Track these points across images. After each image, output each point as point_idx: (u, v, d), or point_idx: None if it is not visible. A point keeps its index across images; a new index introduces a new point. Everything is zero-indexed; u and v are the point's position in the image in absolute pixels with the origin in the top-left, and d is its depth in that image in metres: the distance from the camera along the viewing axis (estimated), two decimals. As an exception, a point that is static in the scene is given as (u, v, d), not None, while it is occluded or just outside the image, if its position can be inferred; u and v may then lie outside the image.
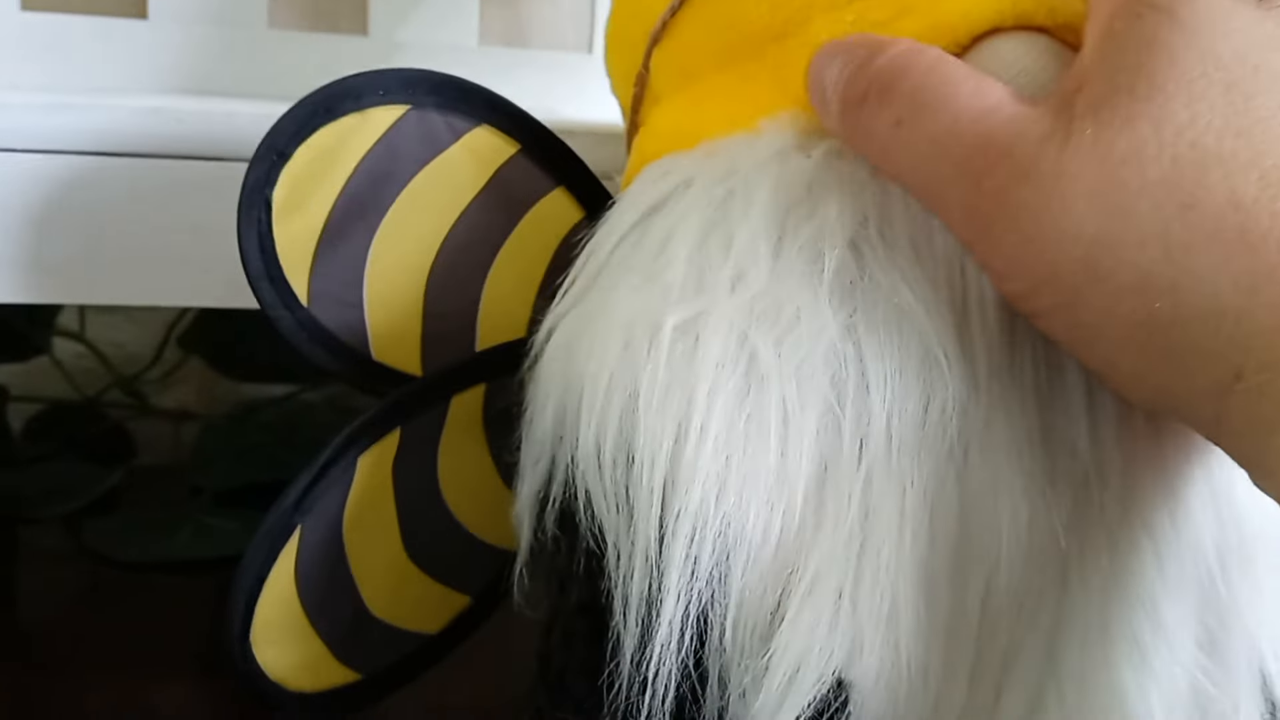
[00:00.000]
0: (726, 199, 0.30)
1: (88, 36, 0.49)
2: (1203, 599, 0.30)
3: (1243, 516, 0.30)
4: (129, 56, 0.50)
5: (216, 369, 0.58)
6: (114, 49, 0.49)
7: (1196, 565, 0.30)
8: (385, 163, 0.33)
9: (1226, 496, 0.30)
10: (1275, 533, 0.31)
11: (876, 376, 0.27)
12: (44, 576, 0.49)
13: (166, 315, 0.57)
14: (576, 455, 0.28)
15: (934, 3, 0.30)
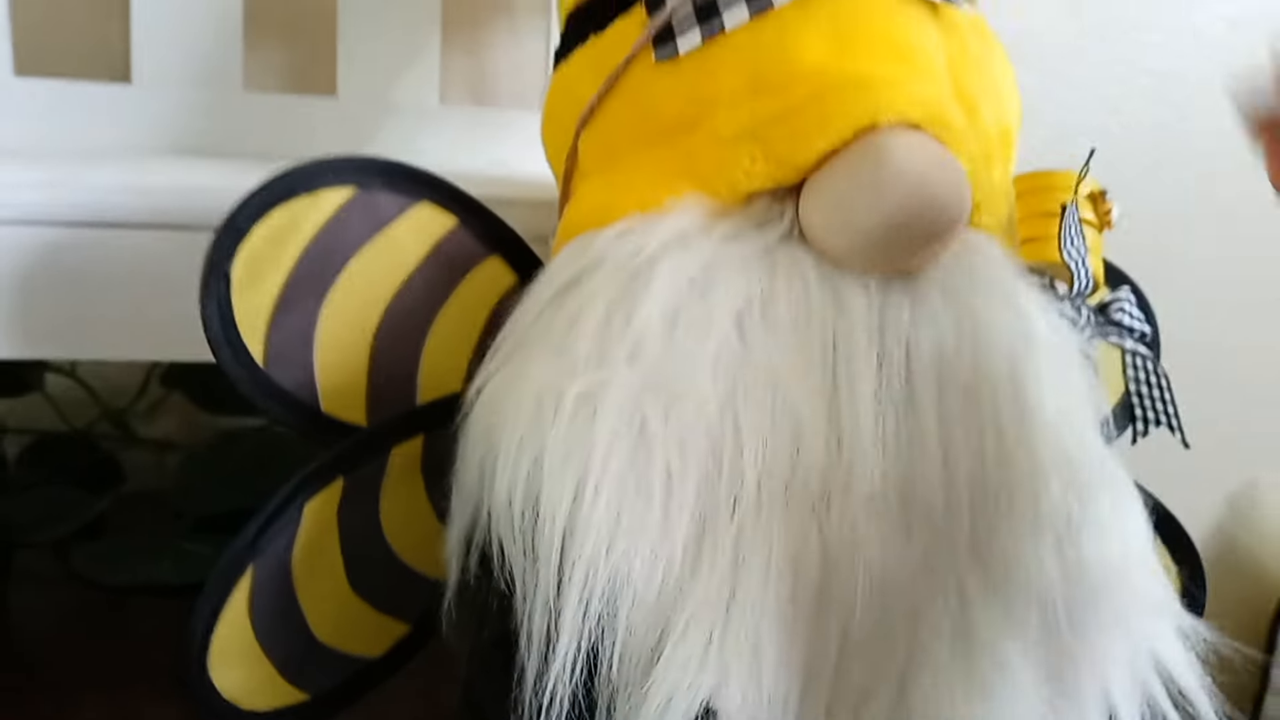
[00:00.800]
0: (631, 279, 0.34)
1: (76, 99, 0.53)
2: (1049, 644, 0.34)
3: (1086, 569, 0.34)
4: (115, 118, 0.54)
5: (196, 403, 0.62)
6: (101, 111, 0.53)
7: (1043, 613, 0.34)
8: (334, 238, 0.37)
9: (1074, 552, 0.34)
10: (1118, 582, 0.35)
11: (750, 443, 0.31)
12: (36, 599, 0.53)
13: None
14: (493, 506, 0.32)
15: (827, 102, 0.34)
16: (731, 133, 0.35)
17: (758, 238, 0.35)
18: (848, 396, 0.33)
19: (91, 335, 0.43)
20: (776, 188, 0.35)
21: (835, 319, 0.33)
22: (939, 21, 0.37)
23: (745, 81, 0.36)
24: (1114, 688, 0.35)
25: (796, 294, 0.33)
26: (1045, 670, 0.34)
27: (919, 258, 0.34)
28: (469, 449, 0.34)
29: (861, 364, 0.33)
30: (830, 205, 0.34)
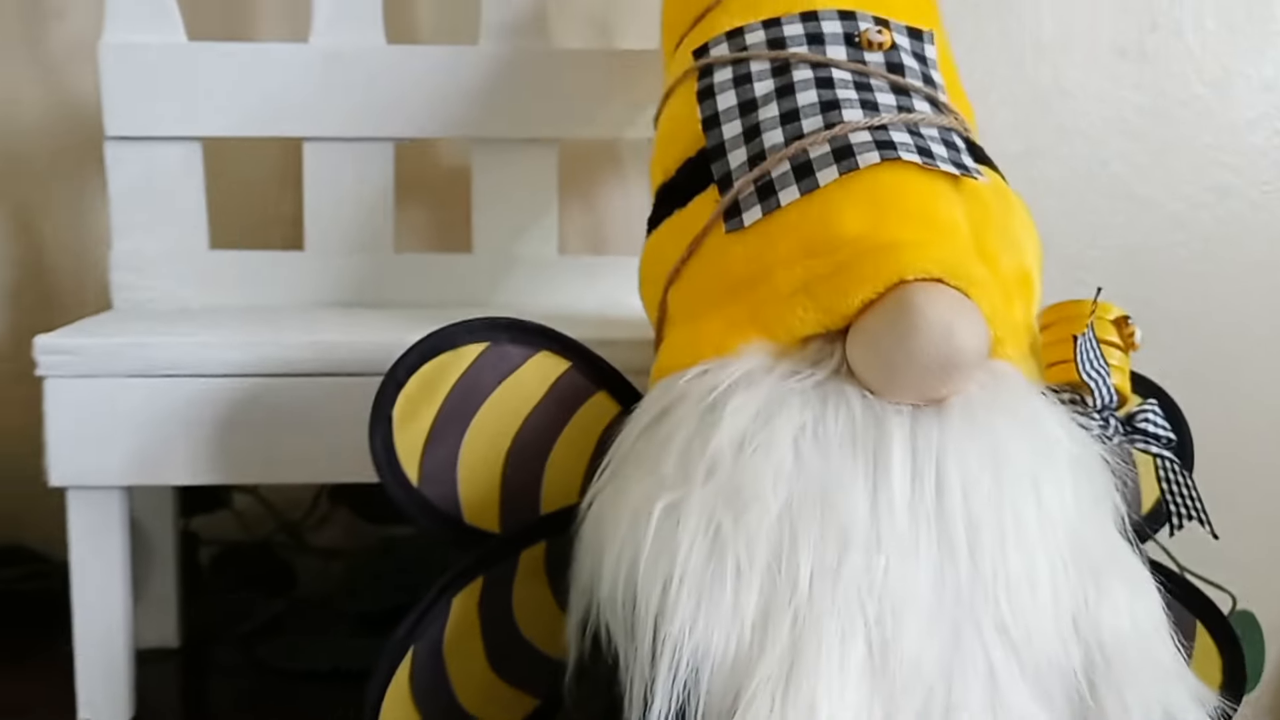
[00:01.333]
0: (707, 411, 0.42)
1: (260, 265, 0.65)
2: (1072, 711, 0.40)
3: (1102, 643, 0.40)
4: (290, 280, 0.65)
5: (359, 515, 0.72)
6: (280, 274, 0.65)
7: (1064, 682, 0.40)
8: (472, 384, 0.46)
9: (1090, 629, 0.40)
10: (1130, 653, 0.41)
11: (805, 545, 0.39)
12: (226, 685, 0.62)
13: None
14: (601, 599, 0.40)
15: (864, 263, 0.42)
16: (788, 289, 0.43)
17: (811, 374, 0.42)
18: (886, 506, 0.40)
19: (278, 463, 0.53)
20: (826, 332, 0.43)
21: (876, 440, 0.41)
22: (961, 191, 0.45)
23: (798, 247, 0.44)
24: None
25: (843, 420, 0.41)
26: (1070, 734, 0.40)
27: (946, 388, 0.41)
28: (582, 552, 0.43)
29: (897, 478, 0.40)
30: (869, 347, 0.42)
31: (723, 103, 0.49)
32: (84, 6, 0.72)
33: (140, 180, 0.63)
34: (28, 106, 0.72)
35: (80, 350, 0.51)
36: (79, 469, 0.52)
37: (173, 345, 0.51)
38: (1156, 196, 0.81)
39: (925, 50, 0.51)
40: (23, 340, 0.73)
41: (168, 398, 0.52)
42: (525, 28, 0.64)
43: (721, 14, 0.52)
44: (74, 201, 0.73)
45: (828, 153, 0.45)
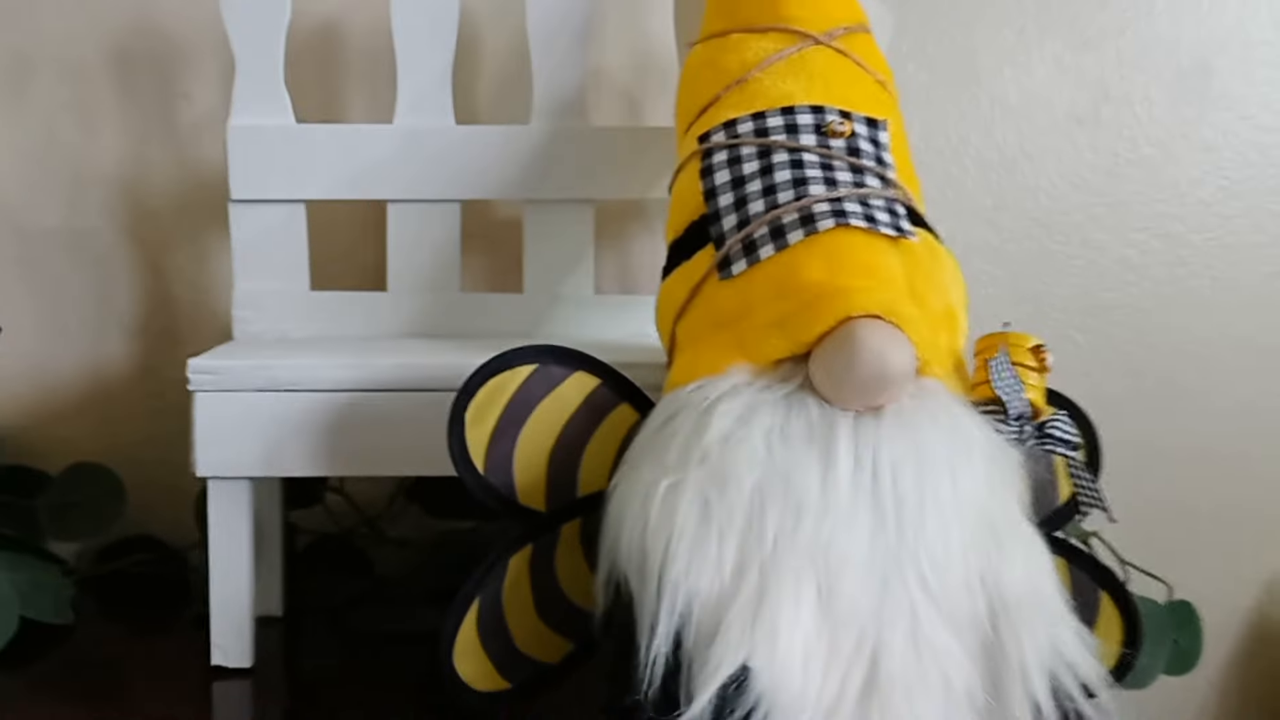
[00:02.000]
0: (701, 415, 0.55)
1: (350, 303, 0.79)
2: (984, 653, 0.52)
3: (1004, 593, 0.53)
4: (376, 314, 0.78)
5: (428, 511, 0.86)
6: (366, 310, 0.78)
7: (975, 627, 0.52)
8: (526, 395, 0.60)
9: (994, 582, 0.53)
10: (1026, 600, 0.53)
11: (771, 513, 0.51)
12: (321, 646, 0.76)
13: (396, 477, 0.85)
14: (620, 556, 0.54)
15: (821, 304, 0.55)
16: (765, 322, 0.56)
17: (781, 388, 0.55)
18: (833, 485, 0.52)
19: (370, 460, 0.67)
20: (793, 356, 0.55)
21: (827, 437, 0.53)
22: (898, 248, 0.57)
23: (772, 291, 0.56)
24: (1036, 684, 0.53)
25: (803, 421, 0.54)
26: (984, 673, 0.52)
27: (882, 398, 0.53)
28: (607, 523, 0.55)
29: (843, 465, 0.52)
30: (823, 366, 0.54)
31: (719, 179, 0.62)
32: (207, 90, 0.84)
33: (256, 234, 0.77)
34: (158, 170, 0.86)
35: (223, 370, 0.65)
36: (218, 463, 0.66)
37: (292, 367, 0.65)
38: (1110, 244, 0.93)
39: (879, 136, 0.64)
40: (150, 365, 0.88)
41: (287, 408, 0.66)
42: (568, 110, 0.78)
43: (721, 107, 0.65)
44: (193, 249, 0.86)
45: (796, 219, 0.58)
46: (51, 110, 0.85)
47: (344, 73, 0.87)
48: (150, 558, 0.84)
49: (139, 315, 0.87)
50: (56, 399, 0.87)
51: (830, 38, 0.67)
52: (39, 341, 0.86)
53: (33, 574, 0.74)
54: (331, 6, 0.85)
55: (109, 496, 0.83)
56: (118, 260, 0.86)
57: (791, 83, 0.65)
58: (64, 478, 0.83)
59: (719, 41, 0.69)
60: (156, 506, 0.86)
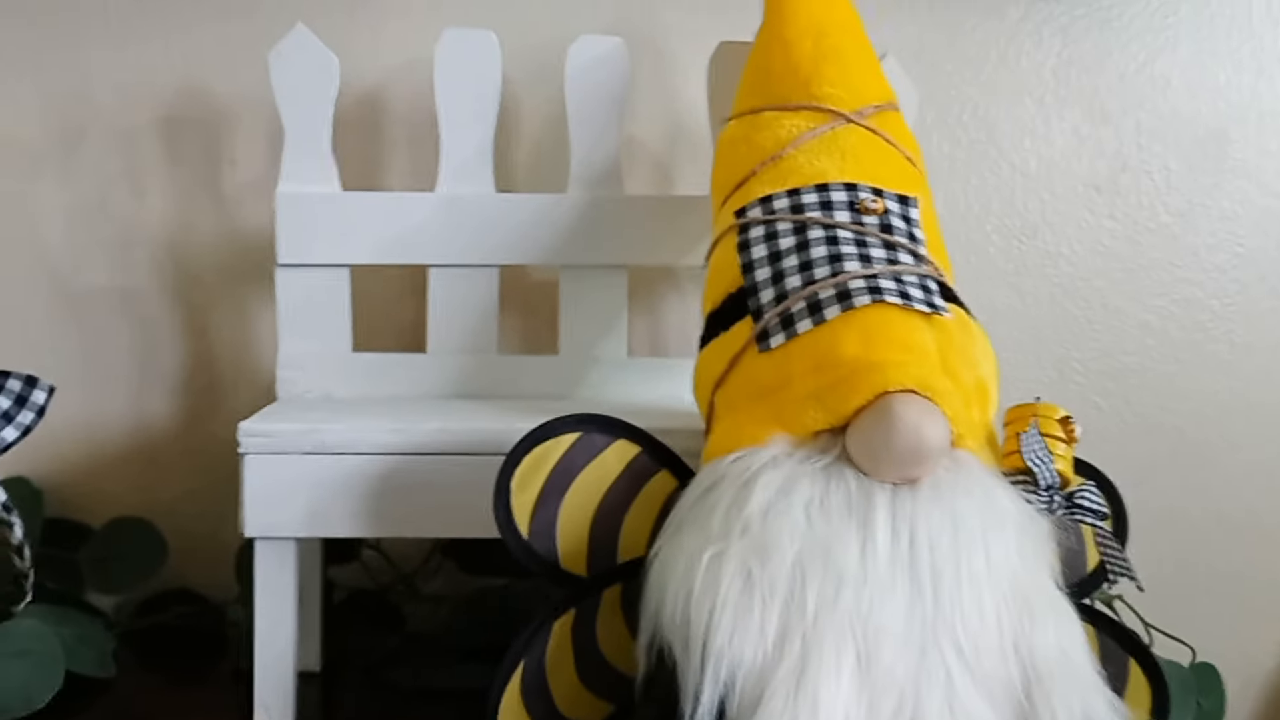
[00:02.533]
0: (743, 487, 0.56)
1: (391, 364, 0.81)
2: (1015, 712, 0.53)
3: (1036, 662, 0.54)
4: (416, 375, 0.80)
5: (462, 568, 0.87)
6: (406, 371, 0.80)
7: (1008, 691, 0.53)
8: (569, 463, 0.61)
9: (1027, 651, 0.54)
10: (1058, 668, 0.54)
11: (812, 583, 0.53)
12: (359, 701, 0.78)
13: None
14: (664, 623, 0.55)
15: (858, 378, 0.57)
16: (803, 394, 0.57)
17: (820, 459, 0.56)
18: (871, 556, 0.53)
19: (411, 520, 0.69)
20: (830, 428, 0.57)
21: (865, 509, 0.54)
22: (931, 324, 0.59)
23: (810, 365, 0.57)
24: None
25: (841, 494, 0.55)
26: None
27: (918, 471, 0.55)
28: (649, 590, 0.57)
29: (880, 536, 0.54)
30: (860, 440, 0.56)
31: (756, 253, 0.64)
32: (252, 157, 0.87)
33: (301, 297, 0.79)
34: (203, 233, 0.88)
35: (273, 433, 0.67)
36: (266, 524, 0.68)
37: (339, 430, 0.67)
38: (1129, 308, 0.94)
39: (910, 213, 0.66)
40: (192, 422, 0.90)
41: (333, 470, 0.68)
42: (604, 179, 0.80)
43: (756, 183, 0.68)
44: (236, 310, 0.88)
45: (833, 295, 0.60)
46: (102, 174, 0.88)
47: (386, 141, 0.89)
48: (189, 611, 0.86)
49: (182, 373, 0.89)
50: (101, 454, 0.89)
51: (861, 116, 0.69)
52: (85, 398, 0.88)
53: (77, 627, 0.76)
54: (375, 77, 0.88)
55: (149, 550, 0.85)
56: (162, 320, 0.89)
57: (825, 160, 0.67)
58: (106, 531, 0.86)
59: (753, 118, 0.71)
60: (196, 560, 0.88)
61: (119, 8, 0.87)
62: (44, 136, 0.87)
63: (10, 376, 0.69)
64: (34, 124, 0.87)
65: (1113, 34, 0.92)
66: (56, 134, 0.87)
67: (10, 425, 0.70)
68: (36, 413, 0.71)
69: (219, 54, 0.86)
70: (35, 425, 0.71)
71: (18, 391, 0.70)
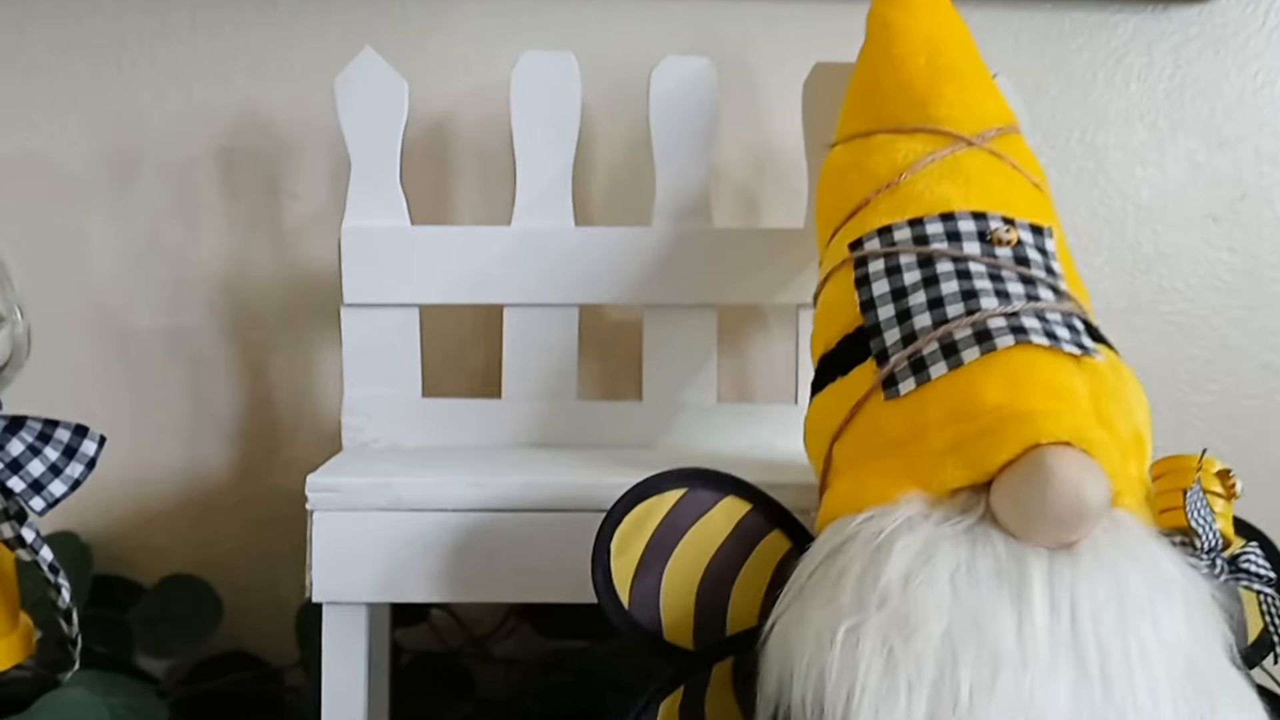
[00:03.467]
0: (875, 551, 0.50)
1: (463, 411, 0.75)
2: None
3: None
4: (489, 423, 0.75)
5: (538, 630, 0.81)
6: (479, 418, 0.75)
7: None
8: (673, 523, 0.56)
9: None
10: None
11: (965, 664, 0.47)
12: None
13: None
14: (791, 706, 0.49)
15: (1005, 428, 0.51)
16: (940, 447, 0.52)
17: (961, 520, 0.51)
18: (1030, 633, 0.48)
19: (493, 584, 0.63)
20: (972, 485, 0.52)
21: (1019, 577, 0.49)
22: (1082, 367, 0.54)
23: (947, 413, 0.52)
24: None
25: (990, 560, 0.49)
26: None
27: (1076, 534, 0.49)
28: (768, 665, 0.51)
29: (1038, 609, 0.48)
30: (1010, 499, 0.50)
31: (877, 289, 0.58)
32: (315, 189, 0.84)
33: (368, 339, 0.74)
34: (262, 270, 0.84)
35: (344, 488, 0.62)
36: (336, 588, 0.62)
37: (416, 485, 0.62)
38: (1251, 348, 0.88)
39: (1046, 244, 0.60)
40: (248, 471, 0.85)
41: (409, 528, 0.62)
42: (692, 211, 0.75)
43: (871, 213, 0.62)
44: (296, 352, 0.84)
45: (970, 335, 0.54)
46: (154, 209, 0.84)
47: (454, 172, 0.85)
48: (246, 676, 0.81)
49: (238, 419, 0.85)
50: (152, 506, 0.85)
51: (983, 140, 0.64)
52: (135, 446, 0.84)
53: (127, 696, 0.71)
54: (442, 105, 0.83)
55: (204, 610, 0.80)
56: (217, 362, 0.85)
57: (948, 187, 0.61)
58: (157, 589, 0.81)
59: (863, 142, 0.66)
60: (253, 620, 0.83)
61: (172, 30, 0.83)
62: (93, 167, 0.84)
63: (59, 426, 0.64)
64: (82, 154, 0.84)
65: (1229, 54, 0.86)
66: (106, 165, 0.84)
67: (58, 479, 0.64)
68: (86, 465, 0.66)
69: (280, 80, 0.83)
70: (85, 479, 0.66)
71: (66, 442, 0.65)
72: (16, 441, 0.63)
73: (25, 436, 0.63)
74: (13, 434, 0.63)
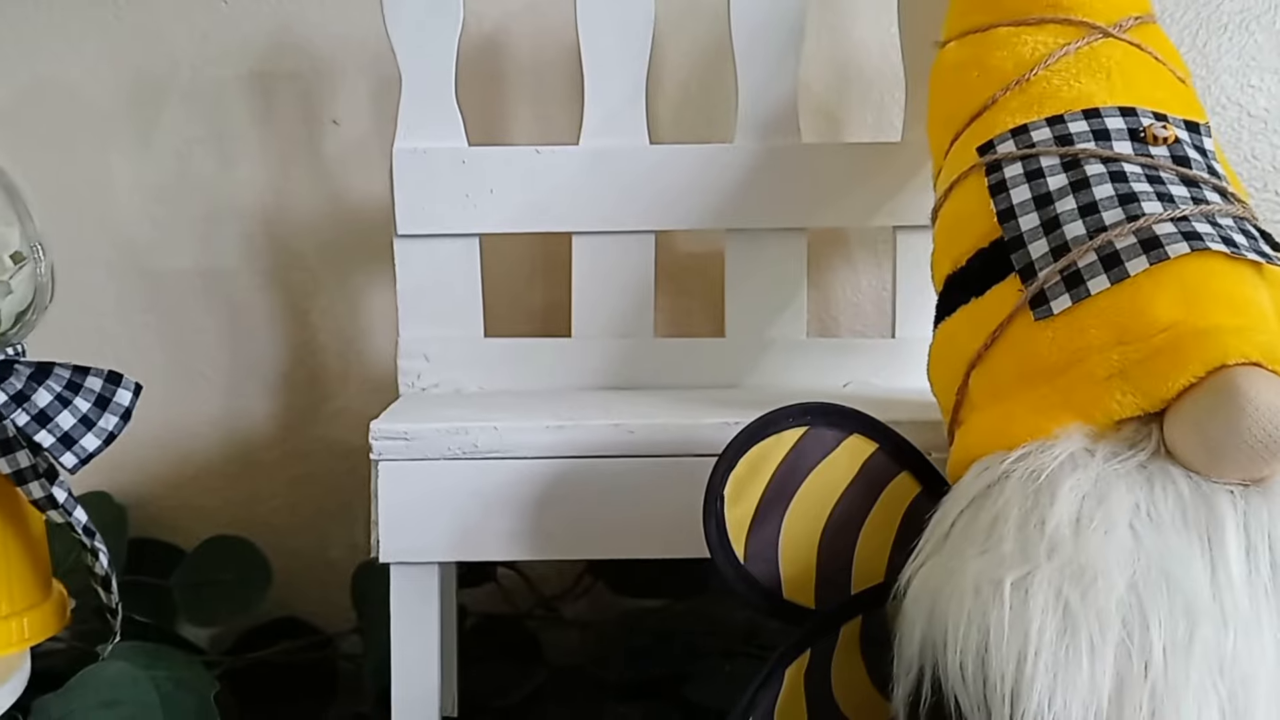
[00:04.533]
0: (1037, 492, 0.44)
1: (530, 351, 0.69)
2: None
3: None
4: (559, 364, 0.69)
5: (612, 588, 0.75)
6: (549, 360, 0.69)
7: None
8: (793, 465, 0.49)
9: None
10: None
11: (1155, 620, 0.40)
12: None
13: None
14: (944, 672, 0.43)
15: (1183, 348, 0.44)
16: (1104, 373, 0.46)
17: (1132, 456, 0.45)
18: (1226, 582, 0.41)
19: (583, 539, 0.57)
20: (1142, 416, 0.45)
21: (1208, 520, 0.42)
22: (1264, 277, 0.47)
23: (1111, 333, 0.46)
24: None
25: (1173, 500, 0.43)
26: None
27: (1270, 468, 0.43)
28: (908, 625, 0.45)
29: (1234, 555, 0.42)
30: (1192, 431, 0.43)
31: (1016, 196, 0.51)
32: (357, 115, 0.77)
33: (425, 274, 0.67)
34: (302, 204, 0.77)
35: (414, 435, 0.55)
36: (406, 547, 0.56)
37: (494, 430, 0.55)
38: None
39: (1204, 142, 0.53)
40: (293, 424, 0.79)
41: (486, 479, 0.55)
42: (778, 126, 0.68)
43: (1000, 112, 0.55)
44: (342, 292, 0.78)
45: (1134, 244, 0.47)
46: (183, 140, 0.79)
47: (508, 92, 0.77)
48: (298, 644, 0.75)
49: (280, 367, 0.80)
50: (189, 464, 0.79)
51: (1121, 29, 0.57)
52: (170, 398, 0.78)
53: (173, 669, 0.65)
54: (494, 17, 0.76)
55: (251, 574, 0.74)
56: (256, 306, 0.79)
57: (1088, 81, 0.54)
58: (200, 553, 0.75)
59: (980, 38, 0.59)
60: (303, 584, 0.78)
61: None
62: (115, 96, 0.78)
63: (89, 374, 0.58)
64: (104, 82, 0.78)
65: (1354, -52, 0.78)
66: (129, 93, 0.78)
67: (90, 432, 0.58)
68: (121, 416, 0.60)
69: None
70: (120, 432, 0.59)
71: (98, 391, 0.58)
72: (44, 391, 0.56)
73: (53, 385, 0.57)
74: (39, 383, 0.57)
